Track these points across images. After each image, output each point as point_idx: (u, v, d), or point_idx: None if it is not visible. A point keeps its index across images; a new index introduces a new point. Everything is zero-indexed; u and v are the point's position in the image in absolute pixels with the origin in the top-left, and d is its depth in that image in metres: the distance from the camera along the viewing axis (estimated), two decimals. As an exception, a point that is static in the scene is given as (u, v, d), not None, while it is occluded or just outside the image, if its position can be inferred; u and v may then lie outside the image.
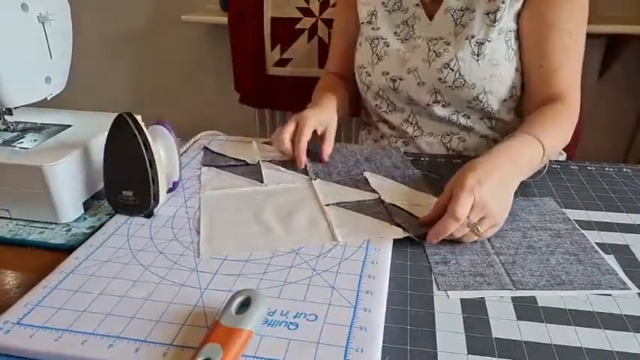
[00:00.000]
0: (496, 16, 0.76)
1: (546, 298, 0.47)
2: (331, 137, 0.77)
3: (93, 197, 0.64)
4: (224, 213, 0.61)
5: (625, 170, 0.74)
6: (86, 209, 0.62)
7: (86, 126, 0.68)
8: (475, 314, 0.45)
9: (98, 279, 0.49)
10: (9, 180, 0.58)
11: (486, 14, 0.77)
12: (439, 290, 0.48)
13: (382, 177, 0.70)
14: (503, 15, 0.76)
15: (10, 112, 0.65)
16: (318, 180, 0.69)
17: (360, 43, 0.89)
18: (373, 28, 0.87)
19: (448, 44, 0.80)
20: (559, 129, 0.71)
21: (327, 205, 0.62)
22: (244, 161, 0.75)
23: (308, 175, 0.70)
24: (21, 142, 0.63)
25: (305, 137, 0.72)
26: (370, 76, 0.87)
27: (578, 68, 0.77)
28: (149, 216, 0.60)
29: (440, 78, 0.80)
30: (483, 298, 0.47)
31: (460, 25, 0.79)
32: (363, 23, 0.88)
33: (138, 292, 0.47)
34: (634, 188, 0.68)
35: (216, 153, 0.78)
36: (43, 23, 0.62)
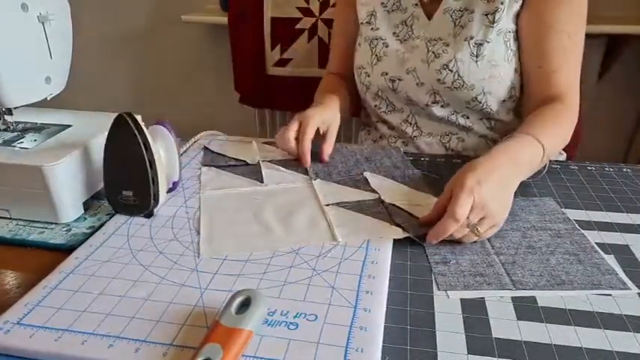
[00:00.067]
0: (495, 17, 0.76)
1: (546, 298, 0.47)
2: (332, 137, 0.77)
3: (93, 197, 0.64)
4: (224, 213, 0.61)
5: (625, 170, 0.74)
6: (86, 209, 0.62)
7: (86, 126, 0.68)
8: (475, 314, 0.45)
9: (98, 279, 0.49)
10: (9, 180, 0.58)
11: (485, 15, 0.77)
12: (439, 290, 0.48)
13: (382, 177, 0.70)
14: (502, 16, 0.76)
15: (10, 112, 0.65)
16: (318, 180, 0.69)
17: (360, 44, 0.89)
18: (372, 29, 0.87)
19: (447, 45, 0.80)
20: (558, 129, 0.71)
21: (327, 205, 0.62)
22: (244, 161, 0.75)
23: (308, 175, 0.70)
24: (21, 142, 0.63)
25: (309, 136, 0.73)
26: (369, 77, 0.87)
27: (577, 69, 0.77)
28: (149, 216, 0.60)
29: (439, 79, 0.80)
30: (483, 298, 0.47)
31: (459, 26, 0.79)
32: (363, 24, 0.88)
33: (138, 292, 0.47)
34: (634, 188, 0.68)
35: (216, 153, 0.78)
36: (43, 23, 0.62)
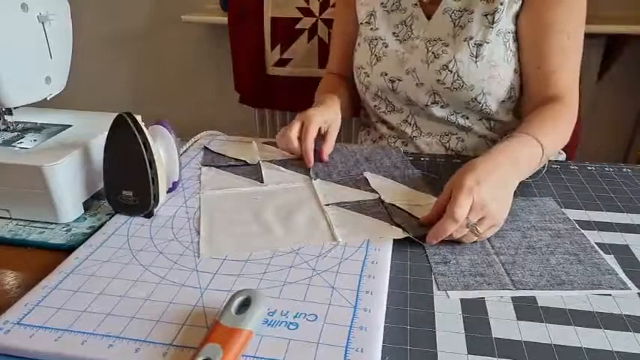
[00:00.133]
0: (494, 18, 0.76)
1: (546, 298, 0.47)
2: (332, 137, 0.77)
3: (93, 197, 0.64)
4: (224, 213, 0.61)
5: (625, 170, 0.74)
6: (86, 209, 0.62)
7: (86, 126, 0.68)
8: (475, 314, 0.45)
9: (98, 279, 0.49)
10: (9, 180, 0.58)
11: (485, 15, 0.77)
12: (439, 290, 0.48)
13: (382, 177, 0.70)
14: (501, 16, 0.76)
15: (10, 112, 0.65)
16: (318, 180, 0.69)
17: (359, 44, 0.89)
18: (372, 29, 0.87)
19: (447, 45, 0.79)
20: (557, 129, 0.71)
21: (327, 205, 0.62)
22: (244, 161, 0.75)
23: (308, 175, 0.70)
24: (21, 142, 0.63)
25: (311, 135, 0.73)
26: (369, 77, 0.87)
27: (576, 69, 0.77)
28: (149, 216, 0.60)
29: (438, 79, 0.80)
30: (483, 298, 0.47)
31: (458, 27, 0.79)
32: (362, 24, 0.88)
33: (138, 292, 0.47)
34: (634, 188, 0.68)
35: (216, 153, 0.78)
36: (43, 23, 0.62)
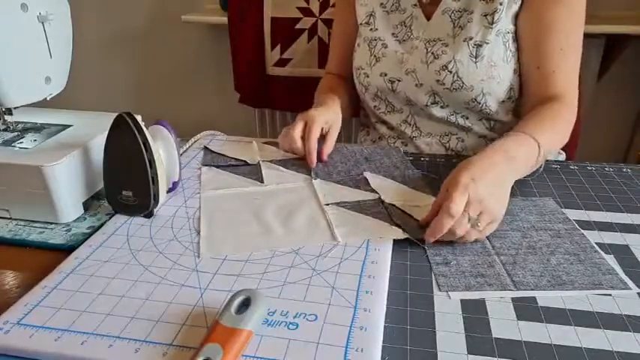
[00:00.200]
0: (494, 18, 0.76)
1: (546, 298, 0.47)
2: (333, 138, 0.77)
3: (93, 197, 0.64)
4: (224, 213, 0.61)
5: (625, 170, 0.74)
6: (86, 209, 0.62)
7: (86, 126, 0.68)
8: (475, 314, 0.45)
9: (98, 279, 0.49)
10: (9, 180, 0.58)
11: (484, 16, 0.77)
12: (440, 291, 0.48)
13: (382, 177, 0.70)
14: (501, 16, 0.76)
15: (10, 112, 0.65)
16: (318, 180, 0.69)
17: (359, 44, 0.89)
18: (371, 29, 0.87)
19: (446, 46, 0.79)
20: (556, 127, 0.71)
21: (327, 205, 0.62)
22: (244, 161, 0.75)
23: (308, 175, 0.70)
24: (21, 142, 0.63)
25: (315, 136, 0.73)
26: (368, 77, 0.87)
27: (576, 69, 0.77)
28: (149, 216, 0.60)
29: (438, 80, 0.80)
30: (483, 299, 0.47)
31: (458, 27, 0.79)
32: (362, 24, 0.88)
33: (138, 292, 0.47)
34: (634, 188, 0.68)
35: (216, 153, 0.78)
36: (43, 23, 0.62)
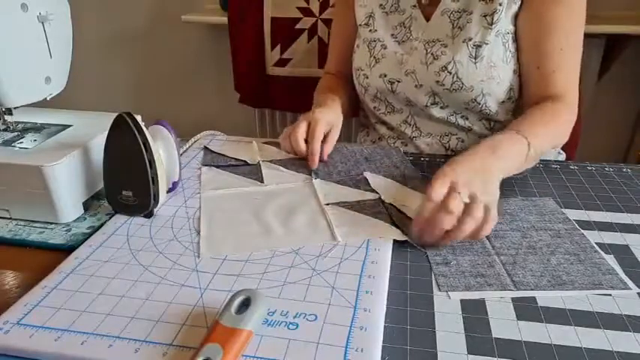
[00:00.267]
0: (493, 18, 0.76)
1: (546, 298, 0.47)
2: (333, 138, 0.77)
3: (93, 197, 0.64)
4: (224, 213, 0.61)
5: (625, 170, 0.74)
6: (86, 209, 0.62)
7: (86, 126, 0.68)
8: (475, 314, 0.45)
9: (98, 279, 0.49)
10: (9, 180, 0.58)
11: (484, 16, 0.77)
12: (440, 291, 0.48)
13: (382, 177, 0.70)
14: (500, 17, 0.76)
15: (10, 112, 0.65)
16: (318, 180, 0.69)
17: (358, 45, 0.89)
18: (371, 30, 0.87)
19: (445, 47, 0.79)
20: (549, 126, 0.71)
21: (327, 205, 0.62)
22: (244, 161, 0.75)
23: (308, 175, 0.70)
24: (21, 142, 0.63)
25: (319, 137, 0.73)
26: (368, 78, 0.87)
27: (576, 69, 0.77)
28: (149, 216, 0.60)
29: (438, 81, 0.80)
30: (483, 299, 0.47)
31: (457, 28, 0.79)
32: (361, 25, 0.88)
33: (138, 292, 0.47)
34: (634, 188, 0.68)
35: (216, 153, 0.78)
36: (43, 23, 0.62)
